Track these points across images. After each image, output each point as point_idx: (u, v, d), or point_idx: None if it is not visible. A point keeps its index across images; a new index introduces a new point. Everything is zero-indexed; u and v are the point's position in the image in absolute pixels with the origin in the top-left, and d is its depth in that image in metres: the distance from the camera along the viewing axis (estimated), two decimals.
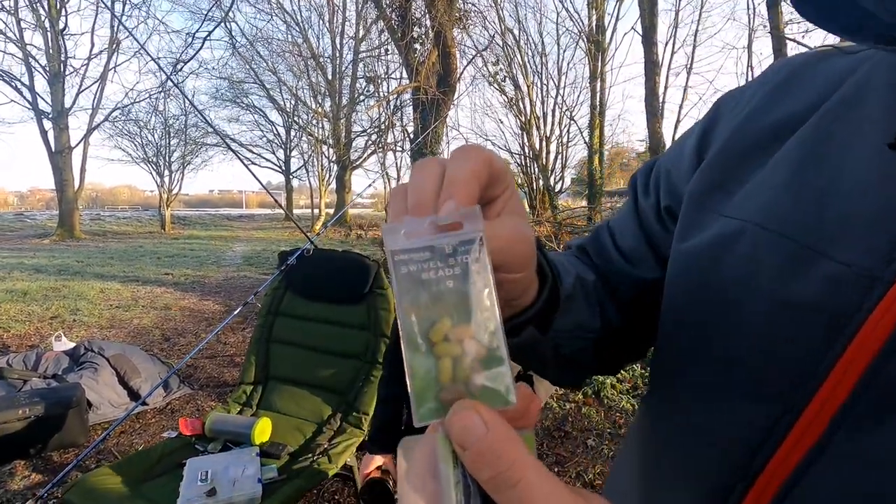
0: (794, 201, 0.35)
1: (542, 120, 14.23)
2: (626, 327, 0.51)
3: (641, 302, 0.50)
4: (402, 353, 0.23)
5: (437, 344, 0.23)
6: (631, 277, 0.51)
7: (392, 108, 10.51)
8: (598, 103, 12.44)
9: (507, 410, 0.22)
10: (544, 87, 14.03)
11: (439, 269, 0.23)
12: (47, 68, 13.96)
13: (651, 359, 0.50)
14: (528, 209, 14.47)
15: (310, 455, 1.86)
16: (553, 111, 14.10)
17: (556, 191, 14.81)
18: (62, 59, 14.11)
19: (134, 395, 3.11)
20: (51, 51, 13.89)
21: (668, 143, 10.10)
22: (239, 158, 3.39)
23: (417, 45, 6.13)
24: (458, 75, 6.23)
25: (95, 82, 15.29)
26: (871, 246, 0.30)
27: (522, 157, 14.56)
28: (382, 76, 10.98)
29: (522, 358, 0.43)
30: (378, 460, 1.36)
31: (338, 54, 18.16)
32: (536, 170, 13.92)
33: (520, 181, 15.71)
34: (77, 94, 14.84)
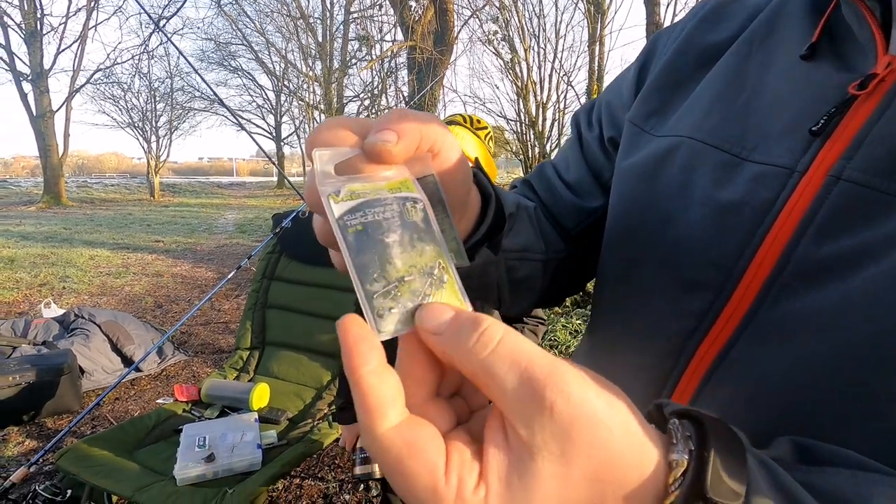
0: (722, 116, 0.39)
1: (538, 85, 13.84)
2: (572, 256, 0.53)
3: (589, 231, 0.52)
4: None
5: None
6: (577, 207, 0.53)
7: (386, 70, 10.15)
8: (596, 68, 12.08)
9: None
10: (541, 50, 13.60)
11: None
12: (22, 26, 13.32)
13: (596, 275, 0.51)
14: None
15: (310, 421, 1.83)
16: (550, 76, 13.69)
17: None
18: (38, 15, 13.46)
19: (127, 361, 3.06)
20: (25, 7, 13.22)
21: None
22: (231, 111, 3.25)
23: (413, 2, 5.84)
24: (455, 34, 5.98)
25: (75, 41, 14.68)
26: (788, 147, 0.34)
27: (518, 124, 14.26)
28: (376, 38, 10.56)
29: (480, 285, 0.45)
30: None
31: (328, 14, 17.49)
32: (532, 137, 13.64)
33: (515, 148, 15.49)
34: (56, 55, 14.30)
